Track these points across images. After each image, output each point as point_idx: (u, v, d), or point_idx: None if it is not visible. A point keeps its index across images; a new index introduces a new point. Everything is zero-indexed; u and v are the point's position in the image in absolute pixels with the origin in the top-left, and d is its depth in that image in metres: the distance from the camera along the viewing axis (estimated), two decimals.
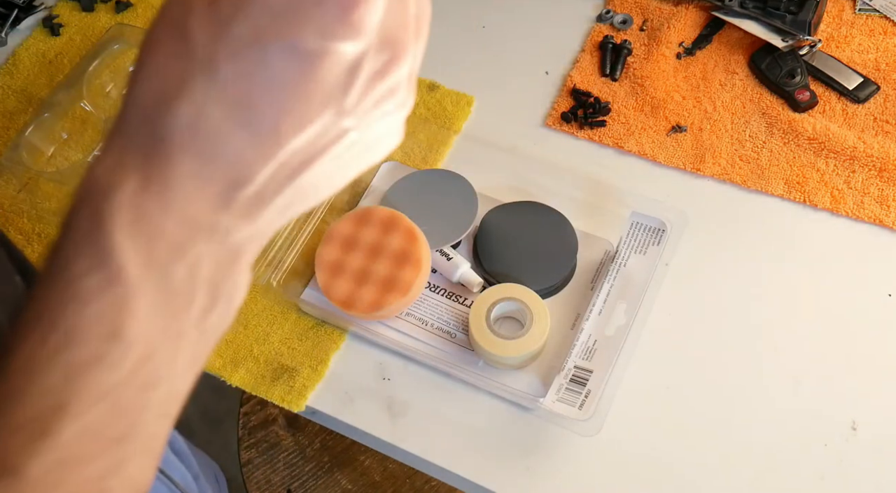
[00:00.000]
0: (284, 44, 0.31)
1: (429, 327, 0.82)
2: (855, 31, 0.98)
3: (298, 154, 0.34)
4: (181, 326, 0.34)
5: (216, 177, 0.33)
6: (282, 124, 0.33)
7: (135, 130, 0.33)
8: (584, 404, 0.74)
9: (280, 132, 0.33)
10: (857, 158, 0.89)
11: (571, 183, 0.87)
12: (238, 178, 0.33)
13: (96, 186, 0.33)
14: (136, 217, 0.32)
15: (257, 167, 0.33)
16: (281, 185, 0.34)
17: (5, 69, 1.03)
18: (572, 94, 0.96)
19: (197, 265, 0.34)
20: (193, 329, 0.35)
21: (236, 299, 0.37)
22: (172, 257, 0.33)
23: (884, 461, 0.75)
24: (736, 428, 0.76)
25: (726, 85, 0.95)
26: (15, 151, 0.88)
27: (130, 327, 0.33)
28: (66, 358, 0.32)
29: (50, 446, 0.32)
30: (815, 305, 0.82)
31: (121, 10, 1.07)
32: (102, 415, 0.33)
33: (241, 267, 0.36)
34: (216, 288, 0.35)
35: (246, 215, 0.34)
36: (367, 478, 1.54)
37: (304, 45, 0.31)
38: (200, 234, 0.34)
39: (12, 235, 0.90)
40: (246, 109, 0.32)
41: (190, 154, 0.32)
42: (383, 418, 0.79)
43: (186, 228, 0.33)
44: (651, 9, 1.01)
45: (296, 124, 0.33)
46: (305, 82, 0.32)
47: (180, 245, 0.33)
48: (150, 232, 0.32)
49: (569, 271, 0.84)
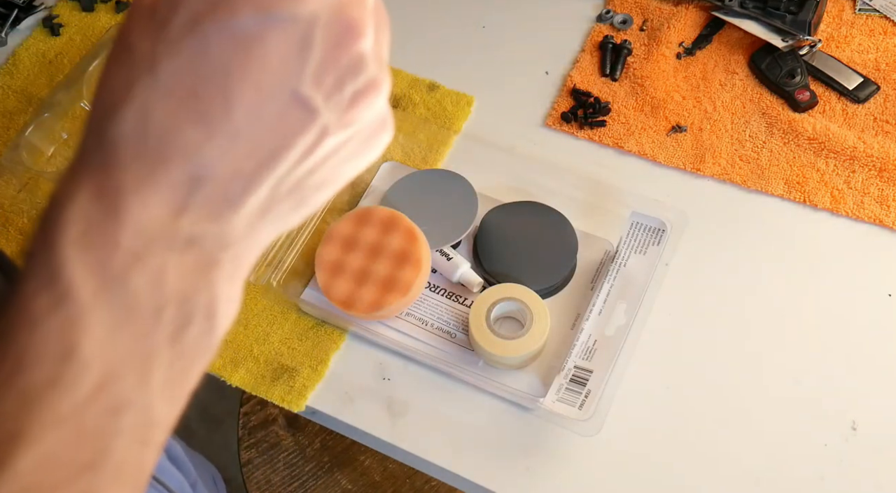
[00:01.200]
0: (220, 26, 0.30)
1: (429, 327, 0.82)
2: (855, 31, 0.98)
3: (260, 145, 0.31)
4: (149, 344, 0.32)
5: (169, 178, 0.31)
6: (233, 112, 0.30)
7: (86, 143, 0.32)
8: (584, 404, 0.74)
9: (232, 121, 0.30)
10: (857, 158, 0.89)
11: (571, 183, 0.87)
12: (194, 176, 0.31)
13: (49, 207, 0.31)
14: (87, 229, 0.30)
15: (213, 162, 0.31)
16: (249, 181, 0.32)
17: (5, 69, 1.03)
18: (572, 94, 0.96)
19: (159, 277, 0.31)
20: (166, 349, 0.32)
21: (220, 316, 0.34)
22: (129, 269, 0.31)
23: (884, 461, 0.75)
24: (735, 428, 0.76)
25: (726, 85, 0.95)
26: (15, 151, 0.88)
27: (84, 347, 0.30)
28: (19, 383, 0.30)
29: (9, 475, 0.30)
30: (815, 305, 0.82)
31: (121, 10, 1.07)
32: (64, 441, 0.31)
33: (219, 280, 0.33)
34: (187, 302, 0.32)
35: (212, 218, 0.32)
36: (367, 478, 1.54)
37: (240, 24, 0.30)
38: (159, 242, 0.31)
39: (12, 234, 0.90)
40: (193, 103, 0.30)
41: (140, 158, 0.30)
42: (383, 418, 0.79)
43: (142, 237, 0.31)
44: (651, 9, 1.01)
45: (249, 111, 0.31)
46: (250, 64, 0.30)
47: (137, 255, 0.31)
48: (102, 244, 0.30)
49: (569, 271, 0.84)
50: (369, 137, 0.35)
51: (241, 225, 0.33)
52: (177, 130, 0.30)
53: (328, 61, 0.31)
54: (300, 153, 0.32)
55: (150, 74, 0.30)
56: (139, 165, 0.30)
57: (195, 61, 0.30)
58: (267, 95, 0.31)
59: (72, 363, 0.30)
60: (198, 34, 0.30)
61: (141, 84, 0.30)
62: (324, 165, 0.34)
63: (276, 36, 0.30)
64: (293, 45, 0.30)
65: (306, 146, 0.32)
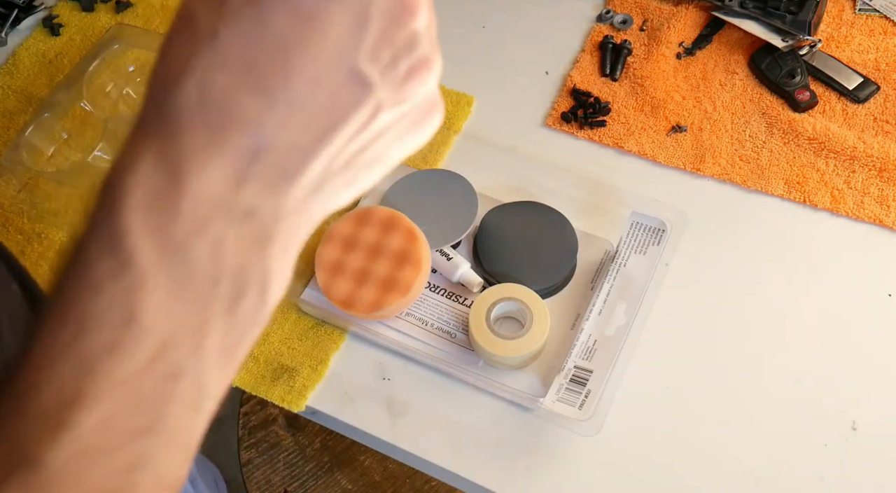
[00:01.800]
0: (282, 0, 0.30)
1: (429, 327, 0.82)
2: (855, 31, 0.98)
3: (318, 118, 0.32)
4: (205, 313, 0.32)
5: (230, 147, 0.31)
6: (292, 85, 0.31)
7: (146, 113, 0.32)
8: (584, 404, 0.74)
9: (291, 93, 0.31)
10: (857, 158, 0.89)
11: (571, 183, 0.87)
12: (253, 147, 0.31)
13: (112, 174, 0.31)
14: (149, 196, 0.31)
15: (272, 133, 0.31)
16: (306, 154, 0.32)
17: (5, 69, 1.03)
18: (572, 94, 0.96)
19: (218, 247, 0.32)
20: (220, 319, 0.33)
21: (272, 291, 0.34)
22: (190, 238, 0.31)
23: (884, 461, 0.75)
24: (735, 428, 0.76)
25: (726, 85, 0.95)
26: (15, 151, 0.88)
27: (145, 313, 0.31)
28: (80, 348, 0.31)
29: (68, 437, 0.31)
30: (815, 305, 0.82)
31: (121, 10, 1.07)
32: (121, 406, 0.31)
33: (273, 254, 0.33)
34: (243, 273, 0.33)
35: (270, 191, 0.32)
36: (367, 478, 1.54)
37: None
38: (219, 211, 0.31)
39: (12, 235, 0.90)
40: (252, 73, 0.31)
41: (200, 126, 0.31)
42: (383, 418, 0.79)
43: (203, 206, 0.31)
44: (651, 9, 1.01)
45: (307, 84, 0.31)
46: (310, 38, 0.31)
47: (197, 224, 0.31)
48: (163, 211, 0.31)
49: (569, 271, 0.84)
50: (420, 117, 0.35)
51: (296, 199, 0.33)
52: (237, 100, 0.31)
53: (385, 38, 0.32)
54: (355, 128, 0.33)
55: (211, 45, 0.31)
56: (200, 133, 0.31)
57: (256, 33, 0.31)
58: (325, 69, 0.31)
59: (132, 330, 0.31)
60: (259, 7, 0.31)
61: (202, 54, 0.31)
62: (375, 143, 0.34)
63: (336, 11, 0.31)
64: (352, 20, 0.31)
65: (361, 121, 0.33)
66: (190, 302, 0.32)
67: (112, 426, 0.31)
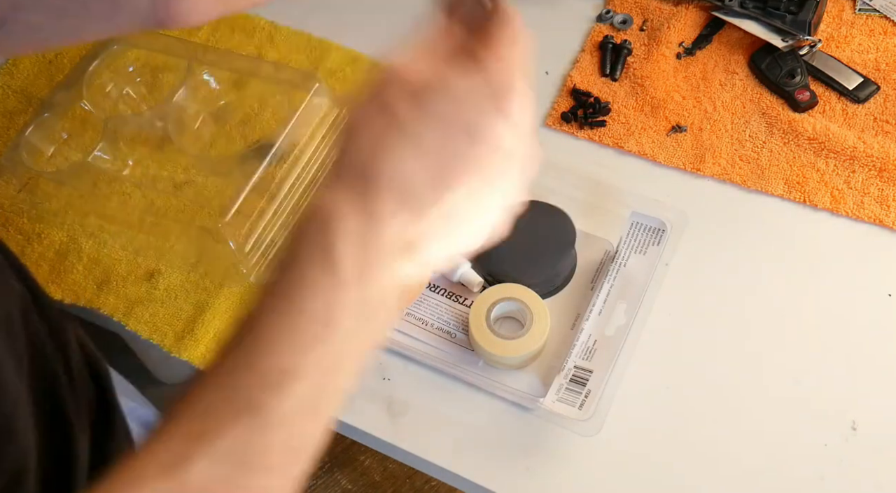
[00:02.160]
0: (462, 122, 0.44)
1: (429, 327, 0.82)
2: (855, 31, 0.98)
3: (458, 205, 0.44)
4: (370, 325, 0.43)
5: (407, 215, 0.43)
6: (456, 193, 0.44)
7: (350, 172, 0.43)
8: (584, 404, 0.74)
9: (455, 196, 0.44)
10: (857, 158, 0.89)
11: (571, 183, 0.87)
12: (420, 216, 0.43)
13: (321, 209, 0.43)
14: (351, 233, 0.42)
15: (427, 222, 0.43)
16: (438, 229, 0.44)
17: (5, 69, 1.03)
18: (572, 94, 0.96)
19: (392, 276, 0.43)
20: (373, 325, 0.44)
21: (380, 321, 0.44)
22: (374, 267, 0.42)
23: (884, 461, 0.75)
24: (735, 428, 0.76)
25: (726, 85, 0.95)
26: (15, 151, 0.88)
27: (340, 320, 0.41)
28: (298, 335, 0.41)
29: (287, 394, 0.40)
30: (815, 305, 0.82)
31: None
32: (318, 382, 0.41)
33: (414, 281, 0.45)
34: (397, 297, 0.44)
35: (420, 241, 0.44)
36: (367, 478, 1.54)
37: (475, 125, 0.44)
38: (394, 252, 0.43)
39: (12, 235, 0.90)
40: (433, 163, 0.43)
41: (391, 193, 0.42)
42: (383, 418, 0.79)
43: (387, 247, 0.42)
44: (651, 9, 1.01)
45: (459, 179, 0.44)
46: (473, 152, 0.44)
47: (382, 259, 0.42)
48: (362, 244, 0.42)
49: (569, 271, 0.84)
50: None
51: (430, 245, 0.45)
52: (419, 181, 0.43)
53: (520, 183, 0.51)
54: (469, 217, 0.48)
55: (410, 139, 0.43)
56: (390, 197, 0.42)
57: (441, 140, 0.43)
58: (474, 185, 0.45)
59: (329, 328, 0.42)
60: (447, 122, 0.44)
61: (401, 143, 0.43)
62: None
63: (492, 134, 0.46)
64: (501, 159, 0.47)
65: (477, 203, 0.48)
66: (365, 316, 0.42)
67: (313, 395, 0.41)
